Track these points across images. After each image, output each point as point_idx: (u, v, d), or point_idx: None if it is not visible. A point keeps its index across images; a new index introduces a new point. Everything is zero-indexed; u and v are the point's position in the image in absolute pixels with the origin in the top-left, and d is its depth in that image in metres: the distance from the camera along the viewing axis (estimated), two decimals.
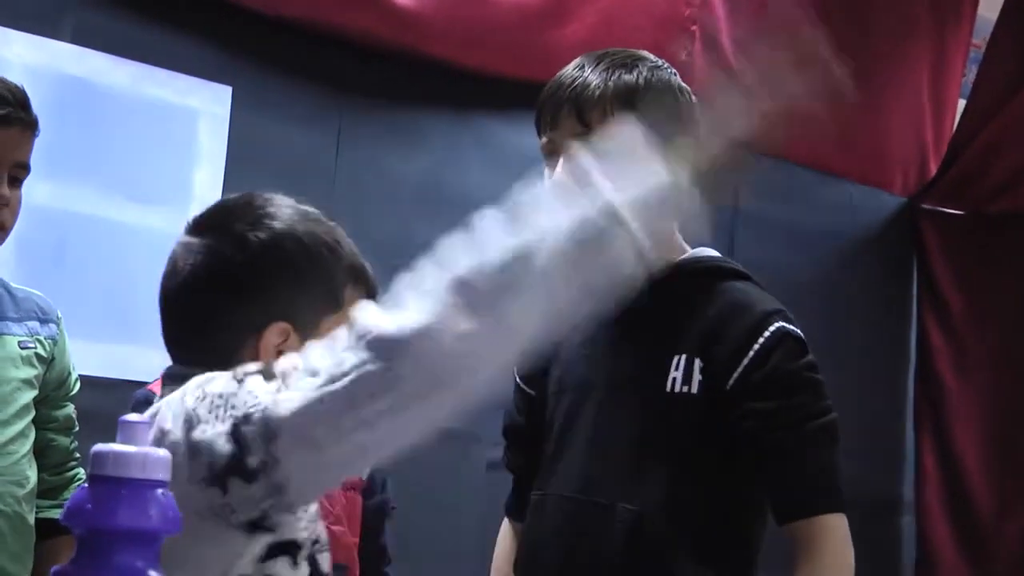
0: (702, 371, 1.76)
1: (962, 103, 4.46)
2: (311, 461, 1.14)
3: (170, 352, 1.45)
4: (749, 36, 4.01)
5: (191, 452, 1.17)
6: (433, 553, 2.88)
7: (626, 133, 1.22)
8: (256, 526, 1.20)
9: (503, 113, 3.69)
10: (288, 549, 1.26)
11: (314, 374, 1.13)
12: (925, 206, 4.50)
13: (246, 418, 1.15)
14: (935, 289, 4.47)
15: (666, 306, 1.80)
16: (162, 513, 0.95)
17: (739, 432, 1.76)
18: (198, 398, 1.21)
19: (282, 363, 1.20)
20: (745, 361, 1.76)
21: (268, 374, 1.20)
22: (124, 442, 0.95)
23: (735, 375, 1.76)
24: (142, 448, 0.95)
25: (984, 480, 4.29)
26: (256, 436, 1.14)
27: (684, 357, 1.77)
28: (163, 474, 0.95)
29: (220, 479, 1.16)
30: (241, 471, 1.15)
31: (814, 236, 4.18)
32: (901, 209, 4.48)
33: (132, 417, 0.96)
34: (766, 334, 1.77)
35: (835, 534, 1.74)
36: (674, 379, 1.77)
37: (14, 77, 2.22)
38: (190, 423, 1.19)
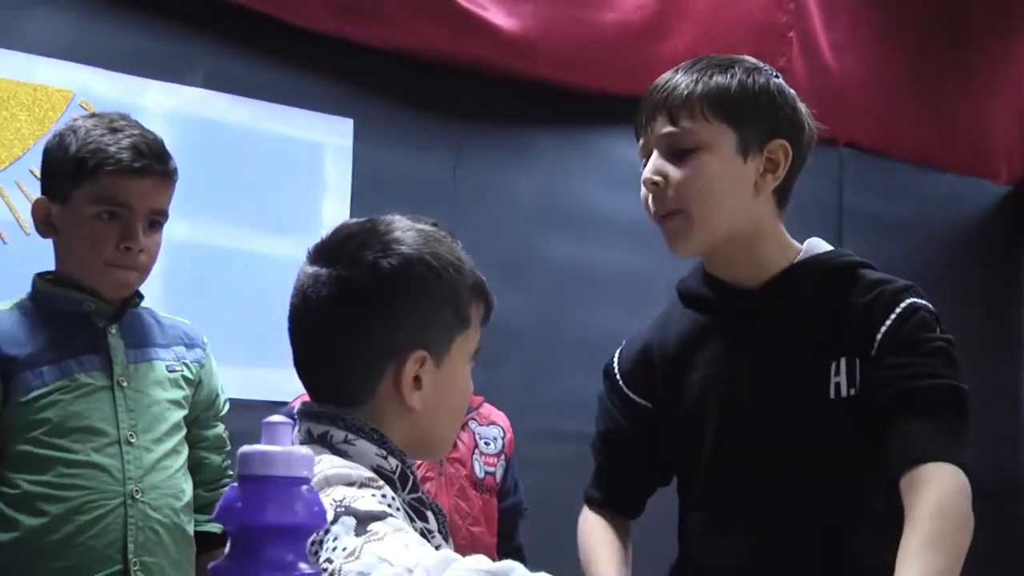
0: (861, 368, 1.67)
1: None
2: None
3: (301, 379, 1.43)
4: (845, 38, 3.96)
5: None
6: (561, 554, 2.86)
7: None
8: None
9: (611, 128, 3.68)
10: None
11: None
12: None
13: (322, 571, 1.14)
14: None
15: (800, 311, 1.73)
16: (307, 508, 0.94)
17: (872, 392, 1.65)
18: (345, 552, 1.18)
19: (375, 527, 1.19)
20: (880, 333, 1.65)
21: (361, 527, 1.18)
22: (268, 442, 0.95)
23: (874, 348, 1.66)
24: (286, 447, 0.95)
25: None
26: None
27: (844, 360, 1.68)
28: (307, 471, 0.95)
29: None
30: None
31: (920, 229, 4.11)
32: (1006, 197, 4.39)
33: (275, 418, 0.96)
34: (901, 306, 1.66)
35: (949, 476, 1.54)
36: (837, 384, 1.68)
37: (153, 123, 2.25)
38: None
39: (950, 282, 4.01)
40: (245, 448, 0.95)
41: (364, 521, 1.19)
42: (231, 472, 2.31)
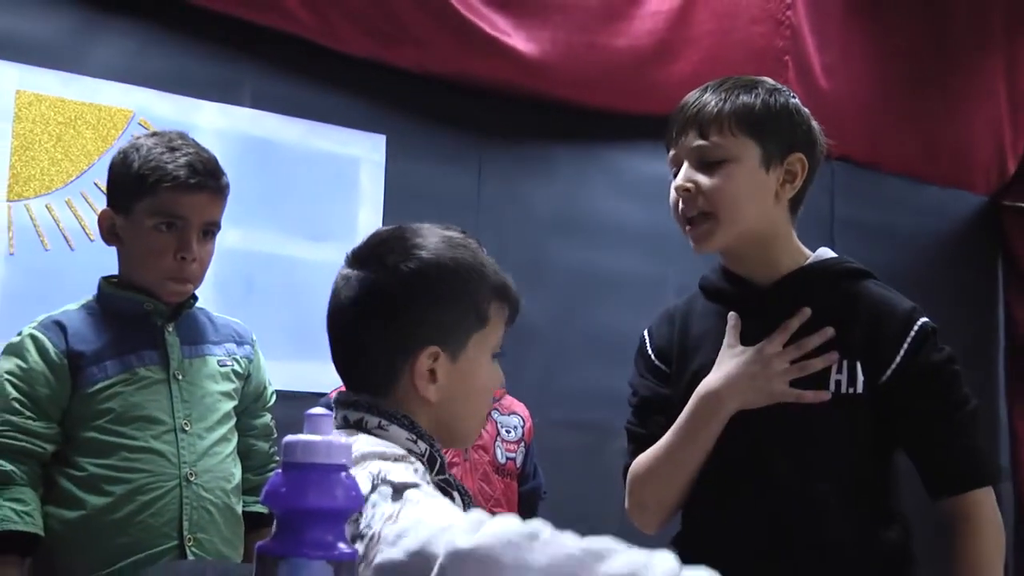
0: (863, 371, 1.71)
1: None
2: None
3: (338, 371, 1.44)
4: (837, 61, 3.96)
5: (367, 560, 1.17)
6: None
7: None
8: None
9: (624, 144, 3.69)
10: None
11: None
12: (1006, 203, 4.38)
13: (361, 535, 1.15)
14: (1021, 278, 4.35)
15: (811, 310, 1.75)
16: (346, 493, 0.95)
17: (895, 422, 1.72)
18: (384, 516, 1.18)
19: (410, 494, 1.19)
20: (898, 358, 1.71)
21: (397, 495, 1.19)
22: (310, 432, 0.95)
23: (889, 370, 1.71)
24: (326, 437, 0.95)
25: None
26: (361, 554, 1.13)
27: (846, 361, 1.71)
28: (345, 459, 0.96)
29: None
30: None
31: (905, 236, 4.10)
32: (984, 207, 4.37)
33: (316, 410, 0.97)
34: (914, 330, 1.72)
35: (986, 505, 1.71)
36: (838, 381, 1.71)
37: (205, 140, 2.26)
38: (373, 540, 1.17)
39: (933, 284, 3.99)
40: (289, 437, 0.96)
41: (400, 490, 1.20)
42: (277, 458, 2.31)
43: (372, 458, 1.26)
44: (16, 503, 1.99)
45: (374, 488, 1.20)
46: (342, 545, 0.95)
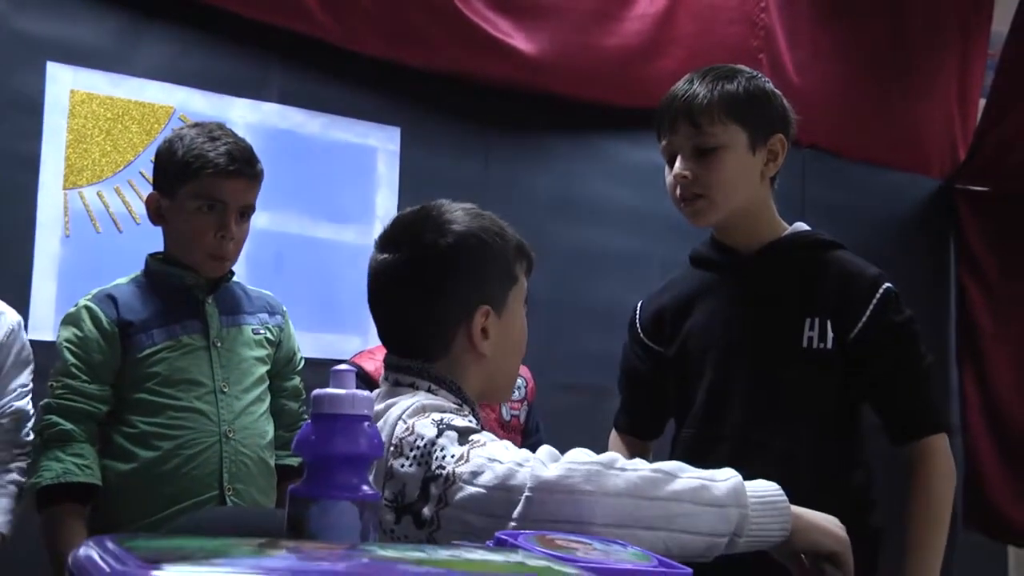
0: (832, 328, 1.73)
1: (982, 102, 4.33)
2: (455, 535, 1.12)
3: (384, 342, 1.41)
4: (807, 59, 3.95)
5: (388, 474, 1.16)
6: None
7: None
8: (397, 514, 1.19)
9: (615, 134, 3.68)
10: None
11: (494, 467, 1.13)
12: (958, 186, 4.37)
13: (435, 476, 1.14)
14: (971, 254, 4.34)
15: (785, 273, 1.78)
16: (369, 440, 0.96)
17: (860, 374, 1.74)
18: (406, 430, 1.19)
19: (475, 437, 1.18)
20: (864, 317, 1.73)
21: (463, 438, 1.18)
22: (336, 387, 0.96)
23: (856, 328, 1.73)
24: (350, 390, 0.96)
25: (1017, 404, 4.16)
26: (435, 496, 1.13)
27: (817, 319, 1.73)
28: (367, 410, 0.96)
29: (398, 511, 1.15)
30: (415, 515, 1.14)
31: (868, 217, 4.08)
32: (938, 190, 4.36)
33: (341, 367, 0.98)
34: (879, 293, 1.74)
35: (940, 449, 1.75)
36: (810, 337, 1.73)
37: (238, 133, 2.27)
38: (397, 450, 1.18)
39: (892, 259, 3.95)
40: (317, 391, 0.96)
41: (464, 433, 1.19)
42: (306, 416, 2.32)
43: (432, 410, 1.25)
44: (77, 457, 2.01)
45: (440, 433, 1.19)
46: (366, 487, 0.96)
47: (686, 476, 1.14)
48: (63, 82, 2.86)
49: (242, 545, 0.72)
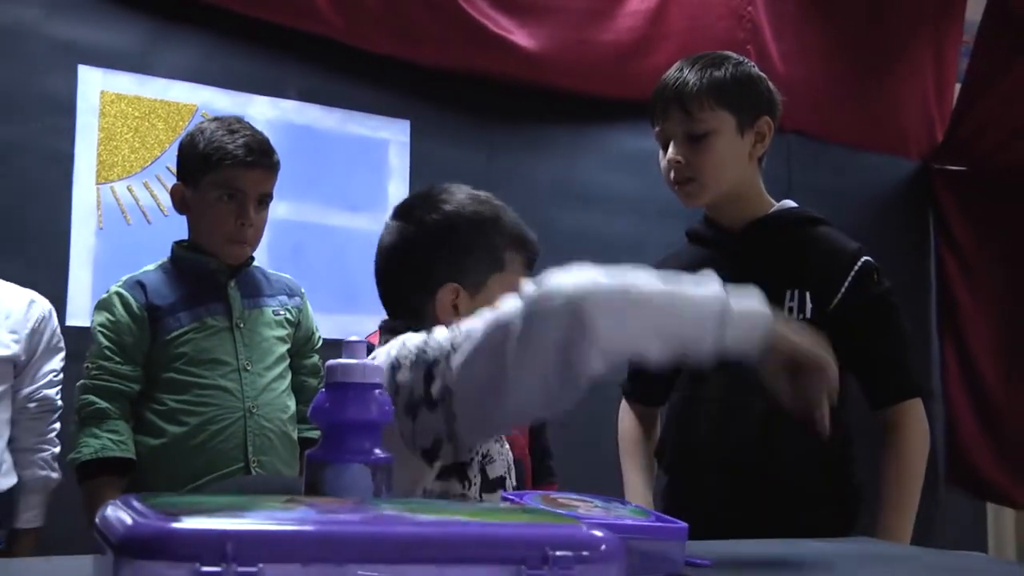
0: (812, 300, 1.72)
1: (958, 86, 4.31)
2: (472, 395, 1.12)
3: (384, 304, 1.44)
4: (791, 49, 3.94)
5: (395, 390, 1.16)
6: (579, 455, 2.90)
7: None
8: (431, 455, 1.17)
9: (610, 125, 3.67)
10: (458, 470, 1.23)
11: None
12: (936, 166, 4.36)
13: (435, 361, 1.14)
14: (948, 230, 4.34)
15: (772, 248, 1.77)
16: (380, 407, 0.96)
17: (841, 342, 1.73)
18: (401, 346, 1.20)
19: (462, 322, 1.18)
20: (843, 289, 1.72)
21: (448, 331, 1.18)
22: (348, 357, 0.97)
23: (836, 299, 1.72)
24: (361, 360, 0.96)
25: (994, 371, 4.17)
26: (440, 372, 1.13)
27: (797, 291, 1.73)
28: (378, 379, 0.97)
29: (413, 409, 1.15)
30: (428, 401, 1.14)
31: (851, 197, 4.08)
32: (917, 170, 4.35)
33: (353, 339, 0.98)
34: (858, 265, 1.73)
35: (915, 414, 1.75)
36: (790, 307, 1.72)
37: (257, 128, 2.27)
38: (395, 368, 1.18)
39: (874, 237, 3.94)
40: (331, 361, 0.97)
41: (448, 326, 1.20)
42: None
43: (416, 338, 1.25)
44: (113, 434, 2.02)
45: (428, 335, 1.19)
46: (378, 451, 0.96)
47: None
48: (93, 83, 2.87)
49: (263, 501, 0.73)
